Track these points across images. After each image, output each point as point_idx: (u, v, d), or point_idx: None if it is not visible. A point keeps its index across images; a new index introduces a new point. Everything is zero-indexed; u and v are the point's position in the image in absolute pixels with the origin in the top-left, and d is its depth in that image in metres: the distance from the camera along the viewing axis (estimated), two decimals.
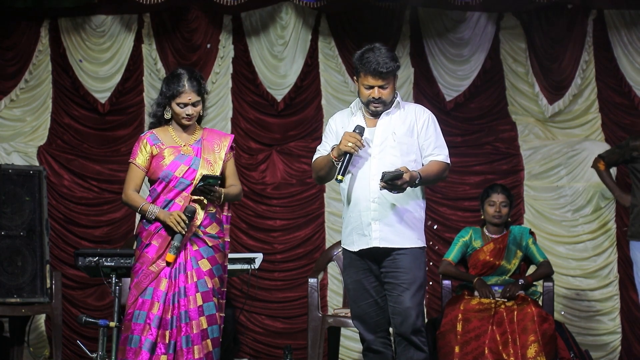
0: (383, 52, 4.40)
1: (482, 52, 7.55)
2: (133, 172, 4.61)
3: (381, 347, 4.49)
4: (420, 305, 4.43)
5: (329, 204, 7.50)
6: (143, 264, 4.52)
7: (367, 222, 4.40)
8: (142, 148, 4.60)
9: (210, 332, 4.51)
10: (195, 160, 4.58)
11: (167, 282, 4.48)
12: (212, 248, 4.57)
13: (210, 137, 4.68)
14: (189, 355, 4.45)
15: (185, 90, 4.54)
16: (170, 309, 4.47)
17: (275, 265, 7.42)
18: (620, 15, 7.49)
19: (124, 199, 4.62)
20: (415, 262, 4.41)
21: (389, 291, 4.43)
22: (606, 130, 7.49)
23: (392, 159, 4.39)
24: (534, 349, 5.82)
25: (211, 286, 4.53)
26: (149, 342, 4.44)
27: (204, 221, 4.56)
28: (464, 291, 6.19)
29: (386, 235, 4.39)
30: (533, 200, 7.50)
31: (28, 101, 7.50)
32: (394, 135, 4.42)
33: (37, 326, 7.21)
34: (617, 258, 7.37)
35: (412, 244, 4.42)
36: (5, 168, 6.40)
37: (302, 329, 7.11)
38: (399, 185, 4.23)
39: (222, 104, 7.57)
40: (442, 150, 4.49)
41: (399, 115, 4.48)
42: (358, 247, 4.45)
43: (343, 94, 7.55)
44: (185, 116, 4.57)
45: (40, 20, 7.47)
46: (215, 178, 4.47)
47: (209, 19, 7.50)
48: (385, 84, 4.39)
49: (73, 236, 7.36)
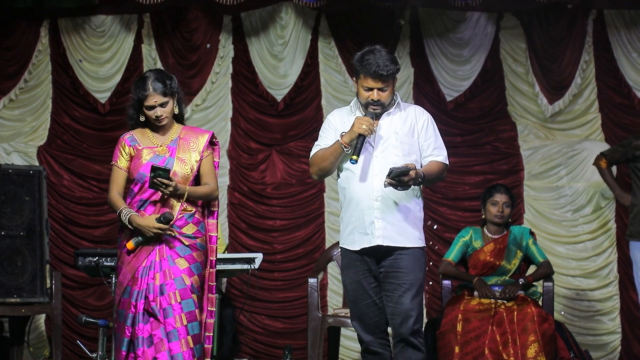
0: (383, 54, 4.39)
1: (482, 52, 7.55)
2: (115, 174, 4.67)
3: (379, 348, 4.48)
4: (420, 306, 4.43)
5: (329, 204, 7.50)
6: (122, 263, 4.60)
7: (370, 220, 4.40)
8: (121, 150, 4.66)
9: (191, 328, 4.54)
10: (170, 160, 4.61)
11: (139, 281, 4.55)
12: (189, 247, 4.60)
13: (187, 135, 4.70)
14: (175, 349, 4.49)
15: (150, 93, 4.57)
16: (138, 305, 4.53)
17: (275, 265, 7.42)
18: (620, 15, 7.49)
19: (108, 202, 4.70)
20: (416, 263, 4.42)
21: (389, 291, 4.42)
22: (606, 130, 7.49)
23: (394, 158, 4.39)
24: (534, 349, 5.82)
25: (189, 283, 4.55)
26: (126, 341, 4.53)
27: (178, 221, 4.59)
28: (464, 291, 6.19)
29: (389, 234, 4.38)
30: (533, 200, 7.50)
31: (28, 101, 7.51)
32: (396, 135, 4.43)
33: (37, 326, 7.21)
34: (617, 258, 7.38)
35: (414, 244, 4.43)
36: (5, 168, 6.40)
37: (302, 329, 7.11)
38: (405, 181, 4.25)
39: (222, 104, 7.57)
40: (442, 151, 4.51)
41: (399, 116, 4.48)
42: (360, 246, 4.43)
43: (343, 94, 7.55)
44: (154, 118, 4.61)
45: (40, 20, 7.47)
46: (164, 170, 4.49)
47: (209, 19, 7.50)
48: (384, 87, 4.39)
49: (73, 236, 7.36)
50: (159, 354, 4.49)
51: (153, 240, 4.55)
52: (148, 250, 4.56)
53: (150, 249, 4.56)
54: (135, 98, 4.61)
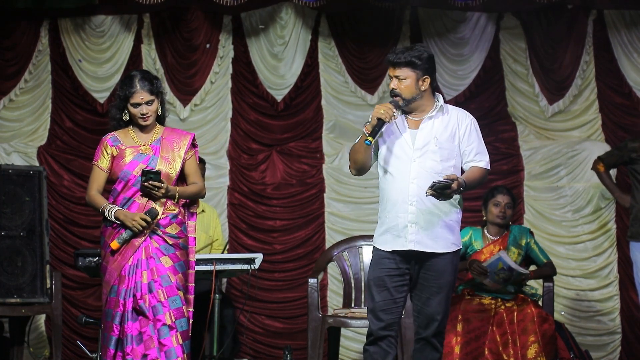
0: (409, 47, 4.45)
1: (482, 52, 7.55)
2: (95, 173, 4.74)
3: (385, 345, 4.49)
4: (447, 309, 4.49)
5: (329, 205, 7.50)
6: (108, 262, 4.64)
7: (404, 224, 4.41)
8: (103, 150, 4.73)
9: (179, 325, 4.60)
10: (153, 159, 4.69)
11: (127, 279, 4.60)
12: (173, 246, 4.67)
13: (170, 136, 4.77)
14: (168, 344, 4.54)
15: (137, 90, 4.66)
16: (127, 303, 4.58)
17: (275, 265, 7.42)
18: (620, 16, 7.49)
19: (87, 200, 4.76)
20: (447, 267, 4.44)
21: (417, 292, 4.47)
22: (606, 131, 7.49)
23: (432, 163, 4.41)
24: (534, 350, 5.83)
25: (174, 281, 4.63)
26: (113, 339, 4.58)
27: (163, 220, 4.66)
28: (464, 290, 6.19)
29: (422, 239, 4.40)
30: (533, 201, 7.50)
31: (28, 101, 7.50)
32: (436, 141, 4.42)
33: (37, 326, 7.20)
34: (617, 258, 7.37)
35: (446, 249, 4.44)
36: (5, 168, 6.39)
37: (302, 329, 7.11)
38: (447, 193, 4.27)
39: (222, 105, 7.57)
40: (484, 156, 4.52)
41: (441, 120, 4.47)
42: (392, 248, 4.45)
43: (343, 94, 7.55)
44: (140, 116, 4.68)
45: (40, 20, 7.46)
46: (155, 173, 4.57)
47: (208, 19, 7.49)
48: (400, 75, 4.40)
49: (73, 236, 7.36)
50: (149, 351, 4.55)
51: (138, 237, 4.60)
52: (134, 248, 4.61)
53: (136, 247, 4.61)
54: (121, 95, 4.70)
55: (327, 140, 7.54)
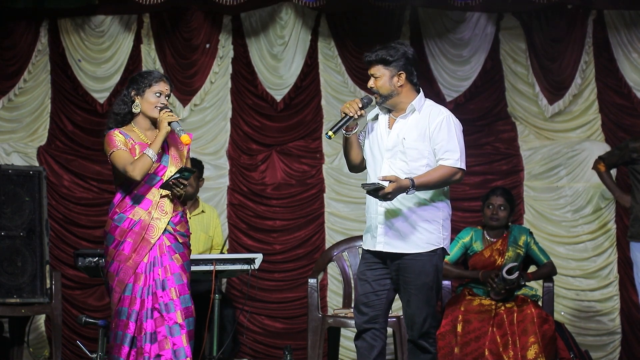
0: (384, 45, 4.49)
1: (482, 52, 7.55)
2: (120, 157, 4.59)
3: (369, 338, 4.49)
4: (429, 308, 4.42)
5: (329, 205, 7.50)
6: (121, 261, 4.61)
7: (375, 225, 4.45)
8: (116, 139, 4.64)
9: (187, 324, 4.62)
10: (165, 157, 4.69)
11: (144, 277, 4.59)
12: (182, 245, 4.69)
13: (171, 136, 4.75)
14: (178, 343, 4.56)
15: (162, 80, 4.67)
16: (146, 301, 4.58)
17: (275, 265, 7.42)
18: (620, 16, 7.49)
19: (133, 174, 4.54)
20: (423, 268, 4.40)
21: (400, 294, 4.48)
22: (606, 131, 7.49)
23: (401, 164, 4.41)
24: (534, 350, 5.83)
25: (185, 280, 4.65)
26: (129, 337, 4.57)
27: (174, 218, 4.67)
28: (464, 290, 6.19)
29: (390, 240, 4.41)
30: (533, 201, 7.50)
31: (27, 101, 7.49)
32: (403, 141, 4.42)
33: (37, 326, 7.20)
34: (617, 258, 7.37)
35: (418, 249, 4.41)
36: (5, 168, 6.39)
37: (302, 329, 7.11)
38: (381, 196, 4.26)
39: (222, 105, 7.56)
40: (452, 154, 4.41)
41: (412, 119, 4.47)
42: (367, 247, 4.52)
43: (343, 94, 7.54)
44: (160, 105, 4.65)
45: (40, 20, 7.46)
46: (190, 171, 4.58)
47: (208, 19, 7.49)
48: (375, 73, 4.45)
49: (73, 236, 7.36)
50: (163, 352, 4.55)
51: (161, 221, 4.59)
52: (149, 245, 4.60)
53: (152, 244, 4.60)
54: (142, 84, 4.63)
55: (327, 140, 7.54)
